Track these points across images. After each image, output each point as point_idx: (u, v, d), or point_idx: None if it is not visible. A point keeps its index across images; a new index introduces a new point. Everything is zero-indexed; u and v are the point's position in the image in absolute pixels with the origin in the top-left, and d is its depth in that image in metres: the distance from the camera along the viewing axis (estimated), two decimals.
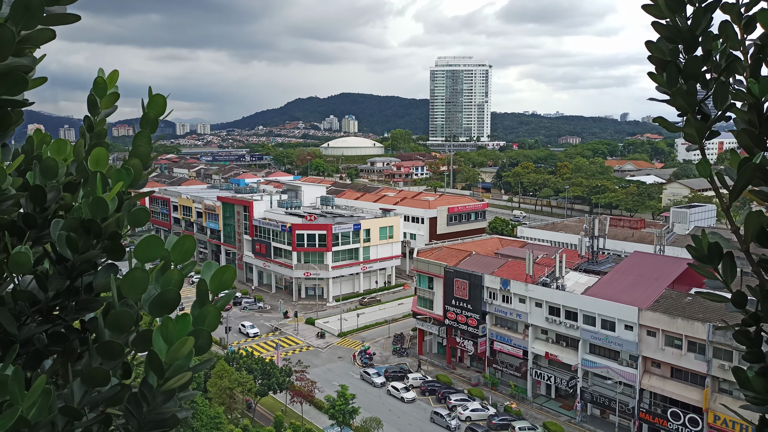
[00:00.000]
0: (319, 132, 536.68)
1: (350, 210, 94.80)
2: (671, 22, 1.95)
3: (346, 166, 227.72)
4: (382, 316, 73.99)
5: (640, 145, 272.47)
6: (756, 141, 1.97)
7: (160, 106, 1.96)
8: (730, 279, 1.81)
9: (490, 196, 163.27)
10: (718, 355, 41.55)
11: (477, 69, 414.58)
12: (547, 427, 47.92)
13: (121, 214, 1.80)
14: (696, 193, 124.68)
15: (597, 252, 58.55)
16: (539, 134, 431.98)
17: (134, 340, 1.62)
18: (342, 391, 47.42)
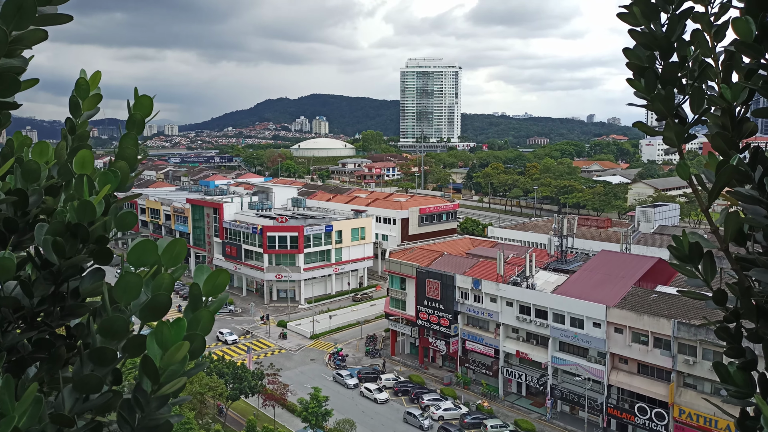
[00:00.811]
0: (289, 133, 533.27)
1: (322, 211, 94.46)
2: (646, 29, 2.01)
3: (317, 168, 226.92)
4: (354, 317, 73.90)
5: (606, 146, 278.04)
6: (729, 144, 2.05)
7: (146, 108, 1.94)
8: (711, 277, 1.88)
9: (461, 197, 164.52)
10: (683, 350, 42.63)
11: (447, 70, 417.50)
12: (518, 424, 48.50)
13: (108, 217, 1.78)
14: (660, 192, 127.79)
15: (566, 251, 59.52)
16: (508, 135, 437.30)
17: (126, 345, 1.60)
18: (315, 393, 47.22)
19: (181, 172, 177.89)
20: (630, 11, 1.99)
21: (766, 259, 1.76)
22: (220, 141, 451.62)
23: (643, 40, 1.95)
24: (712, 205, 2.00)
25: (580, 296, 48.47)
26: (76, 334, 1.78)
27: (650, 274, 49.94)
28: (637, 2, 1.94)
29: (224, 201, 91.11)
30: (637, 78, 1.96)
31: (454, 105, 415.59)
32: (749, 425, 1.78)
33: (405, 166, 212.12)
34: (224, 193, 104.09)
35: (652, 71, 1.92)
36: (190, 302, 1.65)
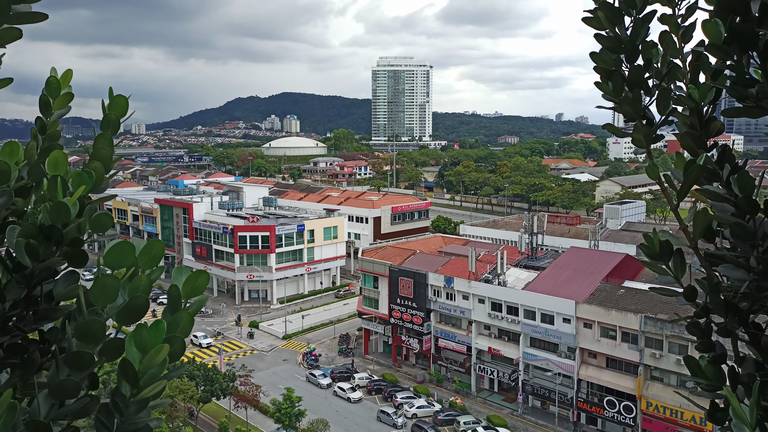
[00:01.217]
0: (260, 132, 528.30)
1: (294, 211, 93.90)
2: (611, 33, 2.05)
3: (288, 167, 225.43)
4: (327, 317, 73.69)
5: (575, 144, 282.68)
6: (698, 143, 2.11)
7: (121, 107, 1.91)
8: (681, 274, 1.93)
9: (433, 195, 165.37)
10: (650, 344, 43.65)
11: (418, 69, 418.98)
12: (490, 420, 49.02)
13: (83, 219, 1.75)
14: (626, 189, 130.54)
15: (536, 248, 60.35)
16: (479, 134, 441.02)
17: (102, 349, 1.57)
18: (288, 393, 46.94)
19: (149, 172, 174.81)
20: (595, 15, 2.03)
21: (734, 255, 1.82)
22: (189, 140, 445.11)
23: (609, 44, 2.00)
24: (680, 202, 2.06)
25: (550, 292, 49.22)
26: (50, 338, 1.74)
27: (618, 269, 50.98)
28: (601, 7, 1.98)
29: (194, 201, 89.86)
30: (604, 81, 2.01)
31: (425, 104, 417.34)
32: (719, 417, 1.84)
33: (377, 165, 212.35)
34: (194, 192, 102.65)
35: (619, 74, 1.97)
36: (169, 304, 1.63)
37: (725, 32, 1.80)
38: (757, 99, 1.80)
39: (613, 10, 1.95)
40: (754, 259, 1.75)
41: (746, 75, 1.81)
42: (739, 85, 1.82)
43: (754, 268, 1.75)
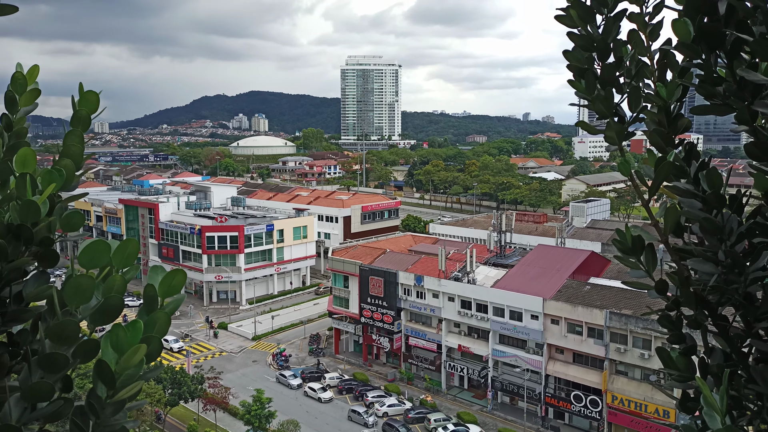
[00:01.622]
0: (227, 131, 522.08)
1: (263, 210, 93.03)
2: (583, 31, 2.09)
3: (257, 166, 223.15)
4: (297, 317, 73.25)
5: (541, 143, 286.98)
6: (666, 140, 2.17)
7: (92, 104, 1.86)
8: (652, 268, 1.98)
9: (403, 194, 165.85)
10: (615, 339, 44.61)
11: (387, 68, 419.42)
12: (460, 417, 49.43)
13: (53, 218, 1.70)
14: (592, 188, 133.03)
15: (504, 246, 61.08)
16: (448, 133, 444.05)
17: (76, 350, 1.53)
18: (257, 395, 46.50)
19: (113, 172, 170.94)
20: (567, 13, 2.07)
21: (702, 249, 1.88)
22: (154, 139, 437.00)
23: (581, 42, 2.03)
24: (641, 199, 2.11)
25: (518, 290, 49.87)
26: (20, 340, 1.69)
27: (584, 266, 51.96)
28: (573, 5, 2.01)
29: (160, 201, 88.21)
30: (577, 79, 2.04)
31: (394, 103, 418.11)
32: (690, 406, 1.89)
33: (346, 164, 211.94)
34: (159, 192, 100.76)
35: (591, 72, 2.01)
36: (145, 304, 1.60)
37: (694, 31, 1.85)
38: (725, 97, 1.86)
39: (585, 8, 1.99)
40: (723, 252, 1.81)
41: (714, 73, 1.86)
42: (707, 84, 1.87)
43: (723, 261, 1.81)
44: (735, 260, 1.77)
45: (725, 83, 1.85)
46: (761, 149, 1.79)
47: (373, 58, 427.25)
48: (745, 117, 1.80)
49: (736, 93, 1.81)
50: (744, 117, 1.81)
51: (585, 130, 2.18)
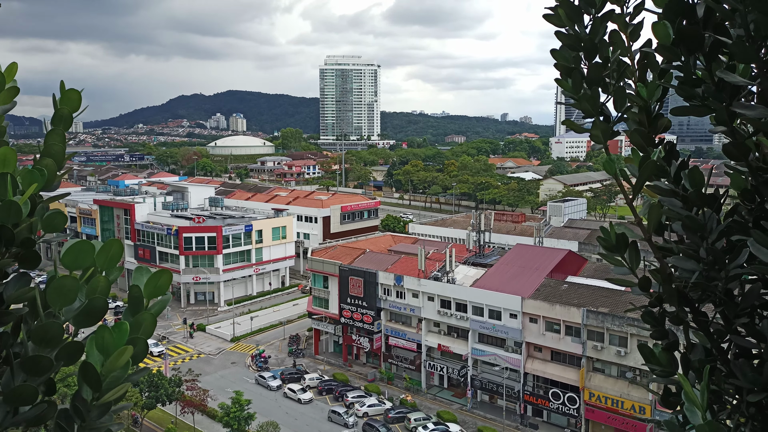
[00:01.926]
0: (205, 131, 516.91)
1: (241, 211, 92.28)
2: (571, 31, 2.12)
3: (235, 166, 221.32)
4: (276, 318, 72.82)
5: (519, 143, 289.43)
6: (647, 139, 2.20)
7: (74, 102, 1.83)
8: (636, 265, 2.01)
9: (382, 194, 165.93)
10: (592, 337, 45.20)
11: (366, 68, 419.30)
12: (440, 416, 49.63)
13: (34, 218, 1.67)
14: (569, 188, 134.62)
15: (483, 246, 61.47)
16: (427, 133, 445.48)
17: (59, 353, 1.50)
18: (236, 397, 46.13)
19: (87, 172, 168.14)
20: (555, 13, 2.09)
21: (684, 247, 1.91)
22: (130, 138, 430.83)
23: (569, 42, 2.06)
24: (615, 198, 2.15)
25: (497, 289, 50.23)
26: (0, 343, 1.65)
27: (561, 265, 52.55)
28: (561, 4, 2.04)
29: (136, 201, 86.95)
30: (564, 78, 2.07)
31: (373, 103, 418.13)
32: (672, 401, 1.92)
33: (326, 164, 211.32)
34: (135, 193, 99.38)
35: (578, 72, 2.03)
36: (130, 305, 1.58)
37: (673, 34, 1.88)
38: (703, 98, 1.90)
39: (573, 8, 2.01)
40: (704, 250, 1.85)
41: (693, 75, 1.90)
42: (687, 85, 1.91)
43: (704, 258, 1.85)
44: (716, 257, 1.81)
45: (704, 85, 1.89)
46: (739, 149, 1.83)
47: (352, 58, 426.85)
48: (724, 118, 1.84)
49: (715, 94, 1.85)
50: (722, 118, 1.85)
51: (571, 128, 2.21)
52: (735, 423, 1.76)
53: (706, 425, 1.46)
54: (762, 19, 1.63)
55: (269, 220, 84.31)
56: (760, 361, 1.77)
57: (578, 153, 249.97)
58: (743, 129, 2.04)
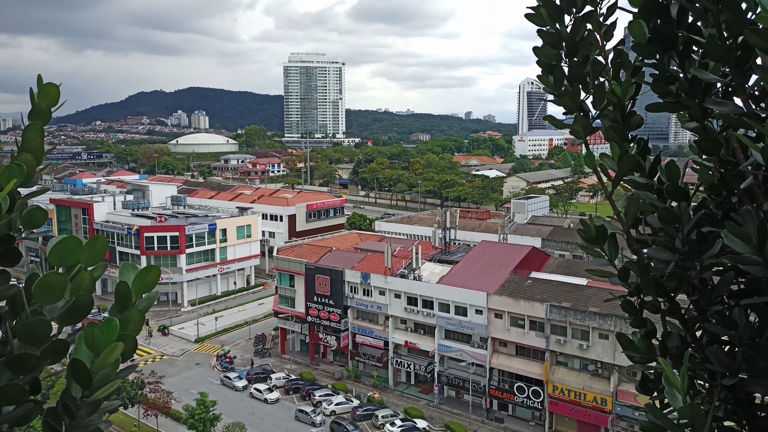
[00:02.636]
0: (166, 128, 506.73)
1: (204, 210, 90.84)
2: (552, 29, 2.17)
3: (197, 164, 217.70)
4: (242, 317, 71.99)
5: (483, 141, 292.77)
6: (621, 136, 2.28)
7: (52, 96, 1.79)
8: (614, 256, 2.08)
9: (348, 192, 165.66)
10: (555, 331, 46.11)
11: (330, 66, 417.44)
12: (408, 412, 49.90)
13: (14, 215, 1.62)
14: (531, 185, 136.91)
15: (449, 243, 62.00)
16: (392, 131, 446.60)
17: (45, 351, 1.47)
18: (201, 398, 45.47)
19: (42, 170, 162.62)
20: (537, 12, 2.14)
21: (661, 239, 1.98)
22: (87, 136, 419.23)
23: (550, 40, 2.11)
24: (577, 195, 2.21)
25: (463, 285, 50.76)
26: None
27: (525, 261, 53.42)
28: (544, 4, 2.09)
29: (94, 200, 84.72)
30: (545, 75, 2.12)
31: (338, 101, 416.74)
32: (650, 387, 2.00)
33: (290, 162, 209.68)
34: (94, 192, 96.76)
35: (560, 69, 2.09)
36: (118, 301, 1.55)
37: (649, 33, 1.95)
38: (677, 95, 1.97)
39: (555, 8, 2.06)
40: (680, 240, 1.92)
41: (668, 73, 1.97)
42: (662, 82, 1.98)
43: (679, 249, 1.92)
44: (692, 247, 1.89)
45: (678, 82, 1.97)
46: (712, 144, 1.91)
47: (317, 56, 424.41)
48: (697, 114, 1.92)
49: (688, 91, 1.93)
50: (696, 114, 1.92)
51: (552, 124, 2.26)
52: (709, 406, 1.84)
53: (687, 407, 1.53)
54: (733, 18, 1.71)
55: (233, 219, 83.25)
56: (732, 347, 1.85)
57: (541, 151, 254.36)
58: (710, 125, 2.13)
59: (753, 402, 1.93)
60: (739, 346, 1.79)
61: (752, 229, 1.57)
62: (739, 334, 1.78)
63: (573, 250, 67.32)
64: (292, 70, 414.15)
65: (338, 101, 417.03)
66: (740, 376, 1.76)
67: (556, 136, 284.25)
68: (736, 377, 1.75)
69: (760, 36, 1.43)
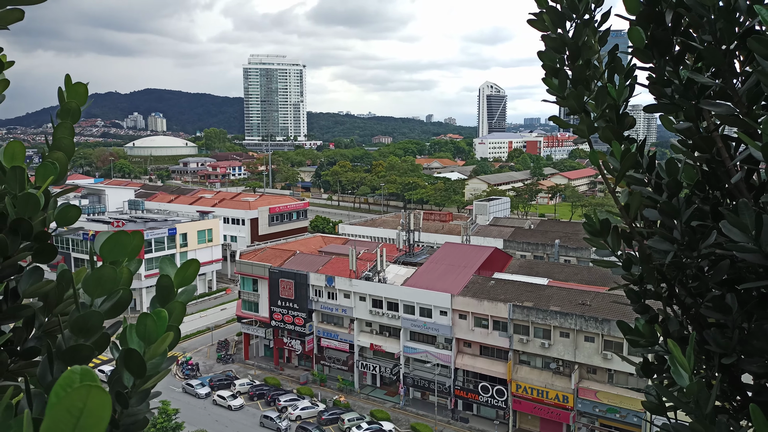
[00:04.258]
0: (121, 131, 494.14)
1: (164, 214, 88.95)
2: (554, 35, 2.30)
3: (155, 168, 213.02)
4: (204, 323, 70.76)
5: (444, 144, 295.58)
6: (616, 135, 2.42)
7: (81, 95, 1.81)
8: (617, 248, 2.22)
9: (311, 195, 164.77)
10: (518, 330, 46.93)
11: (291, 68, 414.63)
12: (374, 415, 49.95)
13: (49, 212, 1.64)
14: (492, 187, 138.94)
15: (413, 245, 62.38)
16: (354, 134, 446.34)
17: (96, 342, 1.50)
18: (163, 407, 44.54)
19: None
20: (539, 18, 2.27)
21: (662, 230, 2.13)
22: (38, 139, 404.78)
23: (554, 45, 2.24)
24: (536, 197, 2.35)
25: (427, 287, 51.15)
26: (14, 339, 1.62)
27: (488, 262, 54.20)
28: (548, 10, 2.22)
29: None
30: (549, 77, 2.25)
31: (299, 103, 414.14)
32: (653, 369, 2.14)
33: (252, 165, 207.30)
34: None
35: (565, 72, 2.22)
36: (160, 294, 1.59)
37: (646, 39, 2.10)
38: (672, 97, 2.12)
39: (557, 14, 2.19)
40: (678, 232, 2.07)
41: (664, 76, 2.12)
42: (658, 85, 2.13)
43: (678, 240, 2.07)
44: (690, 238, 2.04)
45: (673, 84, 2.12)
46: (706, 142, 2.06)
47: (277, 58, 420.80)
48: (692, 114, 2.07)
49: (684, 93, 2.08)
50: (691, 114, 2.07)
51: (558, 125, 2.39)
52: (708, 383, 1.99)
53: (695, 384, 1.66)
54: (727, 27, 1.86)
55: (194, 223, 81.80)
56: (727, 330, 2.01)
57: (501, 153, 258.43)
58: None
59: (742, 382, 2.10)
60: (733, 329, 1.94)
61: (749, 220, 1.72)
62: (733, 317, 1.94)
63: (534, 250, 68.65)
64: (252, 72, 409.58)
65: (299, 104, 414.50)
66: (736, 356, 1.91)
67: (515, 139, 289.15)
68: (732, 357, 1.90)
69: (762, 44, 1.57)
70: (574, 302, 45.75)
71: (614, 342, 42.49)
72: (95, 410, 0.94)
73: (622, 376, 43.38)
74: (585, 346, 44.14)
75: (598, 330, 43.02)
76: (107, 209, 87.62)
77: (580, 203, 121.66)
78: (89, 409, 0.93)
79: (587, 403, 44.09)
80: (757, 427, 1.42)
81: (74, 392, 0.93)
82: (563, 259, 65.24)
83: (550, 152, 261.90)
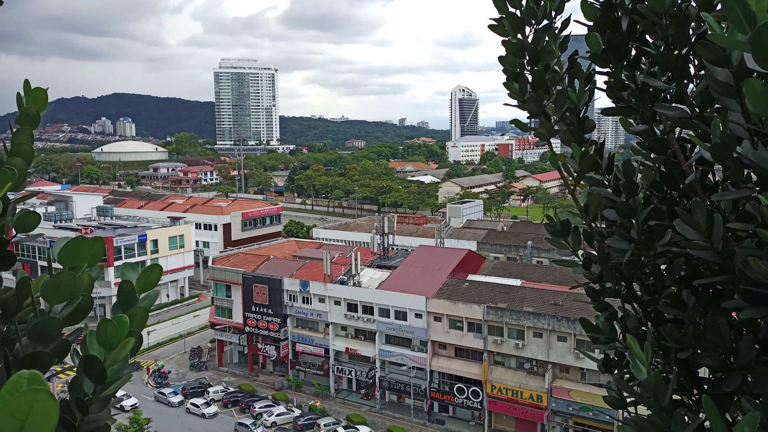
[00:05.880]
0: (89, 136, 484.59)
1: (134, 220, 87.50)
2: (514, 39, 2.36)
3: (124, 173, 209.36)
4: (176, 330, 69.71)
5: (418, 147, 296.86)
6: (576, 138, 2.49)
7: (41, 100, 1.79)
8: (577, 247, 2.27)
9: (284, 200, 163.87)
10: (492, 332, 47.33)
11: (263, 72, 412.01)
12: (350, 419, 49.80)
13: (7, 218, 1.62)
14: (466, 190, 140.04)
15: (388, 248, 62.47)
16: (327, 138, 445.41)
17: (55, 349, 1.48)
18: (134, 416, 43.78)
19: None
20: (500, 23, 2.32)
21: (620, 230, 2.19)
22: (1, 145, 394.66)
23: (514, 50, 2.29)
24: (509, 199, 2.41)
25: (402, 290, 51.26)
26: None
27: (462, 264, 54.57)
28: (507, 16, 2.27)
29: None
30: (510, 82, 2.30)
31: (271, 107, 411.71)
32: (613, 365, 2.19)
33: (224, 170, 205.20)
34: None
35: (525, 77, 2.27)
36: (121, 300, 1.58)
37: (603, 44, 2.16)
38: (629, 101, 2.19)
39: (517, 20, 2.24)
40: (636, 231, 2.13)
41: (621, 80, 2.19)
42: (615, 89, 2.20)
43: (635, 239, 2.13)
44: (647, 237, 2.10)
45: (630, 88, 2.19)
46: (662, 144, 2.13)
47: (248, 62, 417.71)
48: (647, 117, 2.14)
49: (639, 97, 2.15)
50: (646, 117, 2.14)
51: (518, 127, 2.44)
52: (665, 378, 2.05)
53: (652, 377, 1.72)
54: (678, 33, 1.93)
55: (165, 229, 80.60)
56: (683, 325, 2.08)
57: (473, 157, 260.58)
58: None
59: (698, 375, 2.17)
60: (689, 324, 2.01)
61: (701, 218, 1.79)
62: (688, 313, 2.01)
63: (507, 252, 69.34)
64: (223, 76, 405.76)
65: (272, 108, 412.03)
66: (692, 351, 1.98)
67: (488, 142, 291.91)
68: (688, 352, 1.97)
69: (709, 50, 1.64)
70: (547, 302, 46.33)
71: (586, 341, 43.15)
72: (41, 414, 0.93)
73: (595, 375, 44.06)
74: (558, 346, 44.73)
75: (570, 329, 43.63)
76: (75, 216, 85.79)
77: (551, 205, 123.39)
78: (35, 413, 0.93)
79: (561, 402, 44.66)
80: (709, 417, 1.48)
81: (20, 396, 0.92)
82: (536, 260, 66.03)
83: (521, 155, 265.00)
